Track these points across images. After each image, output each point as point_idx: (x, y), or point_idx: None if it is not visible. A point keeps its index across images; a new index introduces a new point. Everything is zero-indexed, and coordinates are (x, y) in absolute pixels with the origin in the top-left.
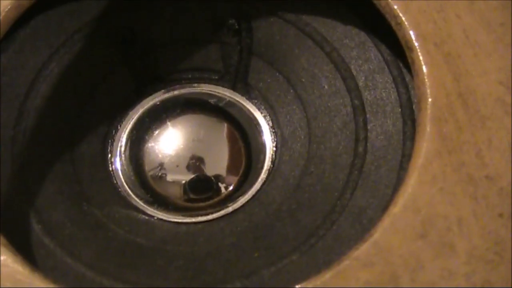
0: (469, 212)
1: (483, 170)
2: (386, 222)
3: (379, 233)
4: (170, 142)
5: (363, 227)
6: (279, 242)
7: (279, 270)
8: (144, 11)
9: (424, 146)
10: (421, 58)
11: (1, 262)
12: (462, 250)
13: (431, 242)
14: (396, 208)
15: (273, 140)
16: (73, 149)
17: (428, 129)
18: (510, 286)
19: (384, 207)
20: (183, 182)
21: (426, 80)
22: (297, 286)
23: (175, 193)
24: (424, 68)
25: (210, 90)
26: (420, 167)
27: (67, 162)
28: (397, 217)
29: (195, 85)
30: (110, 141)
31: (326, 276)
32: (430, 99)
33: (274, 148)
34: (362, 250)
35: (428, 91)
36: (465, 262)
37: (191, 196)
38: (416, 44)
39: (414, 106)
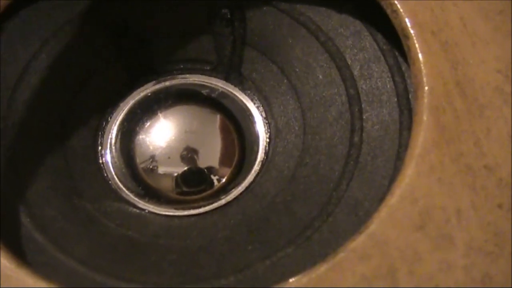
0: (468, 203)
1: (482, 160)
2: (383, 213)
3: (375, 225)
4: (161, 134)
5: (360, 219)
6: (273, 235)
7: (273, 263)
8: (137, 1)
9: (422, 135)
10: (417, 46)
11: None
12: (461, 242)
13: (429, 234)
14: (393, 199)
15: (266, 131)
16: (63, 142)
17: (425, 118)
18: (510, 279)
19: (381, 199)
20: (175, 174)
21: (423, 68)
22: (291, 280)
23: (167, 185)
24: (421, 57)
25: (202, 81)
26: (418, 157)
27: (58, 155)
28: (394, 208)
29: (187, 76)
30: (100, 133)
31: (321, 269)
32: (427, 88)
33: (268, 139)
34: (359, 242)
35: (425, 79)
36: (464, 255)
37: (184, 188)
38: (412, 32)
39: (410, 96)
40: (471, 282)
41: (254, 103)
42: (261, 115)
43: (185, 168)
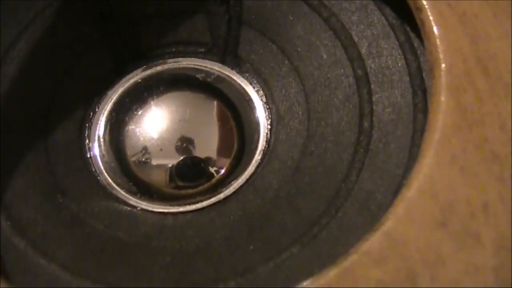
0: (495, 195)
1: (509, 146)
2: (399, 209)
3: (391, 222)
4: (153, 123)
5: (372, 213)
6: (277, 233)
7: (278, 265)
8: None
9: (440, 119)
10: (431, 19)
11: None
12: (489, 240)
13: (453, 232)
14: (411, 192)
15: (267, 118)
16: (45, 136)
17: (443, 99)
18: None
19: (395, 190)
20: (169, 167)
21: (439, 44)
22: (297, 287)
23: (160, 180)
24: (436, 31)
25: (196, 65)
26: (437, 144)
27: (40, 150)
28: (412, 203)
29: (180, 59)
30: (87, 125)
31: (331, 274)
32: (444, 65)
33: (269, 127)
34: (373, 242)
35: (442, 56)
36: (492, 254)
37: (179, 182)
38: (425, 3)
39: (424, 75)
40: (502, 285)
41: (253, 87)
42: (261, 100)
43: (180, 160)
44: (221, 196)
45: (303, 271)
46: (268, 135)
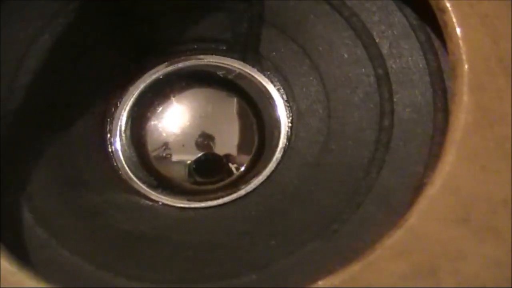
0: None
1: None
2: (422, 205)
3: (415, 218)
4: (175, 119)
5: (392, 209)
6: (297, 228)
7: (298, 259)
8: None
9: (462, 118)
10: (454, 20)
11: None
12: (509, 235)
13: (474, 228)
14: (434, 189)
15: (288, 115)
16: (68, 130)
17: (465, 99)
18: None
19: (415, 187)
20: (190, 163)
21: (462, 44)
22: (320, 282)
23: (181, 175)
24: (459, 32)
25: (217, 62)
26: (459, 142)
27: (62, 144)
28: (435, 199)
29: (201, 56)
30: (109, 119)
31: (355, 268)
32: (466, 66)
33: (290, 124)
34: (396, 237)
35: (464, 56)
36: None
37: (199, 178)
38: (448, 4)
39: (444, 75)
40: None
41: (274, 85)
42: (282, 97)
43: (201, 156)
44: (242, 192)
45: (324, 265)
46: (289, 133)
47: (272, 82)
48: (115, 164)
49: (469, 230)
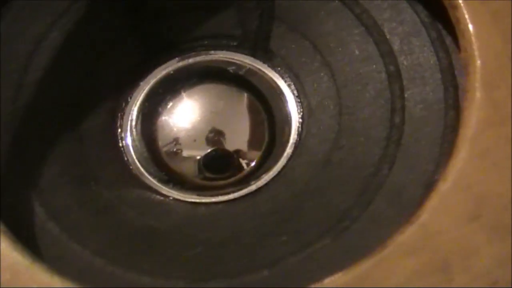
0: None
1: None
2: (434, 201)
3: (427, 214)
4: (185, 114)
5: (403, 207)
6: (307, 225)
7: (309, 256)
8: None
9: (475, 115)
10: (467, 17)
11: (1, 251)
12: None
13: (486, 225)
14: (446, 185)
15: (299, 111)
16: (79, 125)
17: (478, 95)
18: None
19: (426, 185)
20: (200, 158)
21: (474, 41)
22: (331, 278)
23: (192, 170)
24: (471, 28)
25: (228, 58)
26: (471, 139)
27: (73, 139)
28: (446, 196)
29: (212, 52)
30: (119, 115)
31: (367, 265)
32: (479, 62)
33: (300, 120)
34: (408, 234)
35: (476, 53)
36: None
37: (210, 174)
38: (461, 1)
39: (456, 72)
40: None
41: (285, 81)
42: (293, 93)
43: (211, 152)
44: (253, 188)
45: (334, 263)
46: (299, 129)
47: (282, 78)
48: (126, 159)
49: (481, 227)
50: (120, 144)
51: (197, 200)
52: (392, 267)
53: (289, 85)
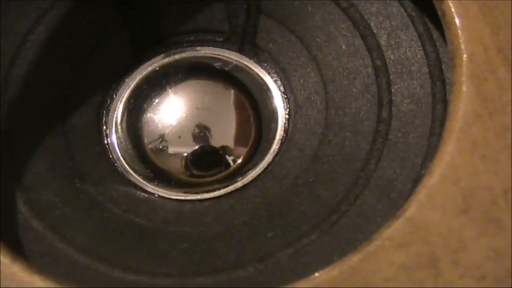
0: None
1: None
2: (422, 195)
3: (414, 208)
4: (171, 111)
5: (391, 201)
6: (296, 220)
7: (297, 251)
8: None
9: (461, 108)
10: (453, 9)
11: None
12: (510, 226)
13: (474, 218)
14: (433, 179)
15: (285, 107)
16: (64, 121)
17: (465, 89)
18: None
19: (414, 179)
20: (187, 155)
21: (461, 34)
22: (317, 273)
23: (177, 167)
24: (457, 20)
25: (214, 53)
26: (458, 132)
27: (58, 135)
28: (434, 189)
29: (198, 48)
30: (105, 111)
31: (354, 259)
32: (465, 55)
33: (287, 116)
34: (396, 228)
35: (463, 46)
36: None
37: (196, 171)
38: None
39: (443, 66)
40: None
41: (271, 77)
42: (279, 89)
43: (198, 148)
44: (239, 184)
45: (322, 257)
46: (286, 124)
47: (269, 73)
48: (111, 156)
49: (469, 221)
50: (105, 141)
51: (183, 197)
52: (380, 261)
53: (275, 81)
